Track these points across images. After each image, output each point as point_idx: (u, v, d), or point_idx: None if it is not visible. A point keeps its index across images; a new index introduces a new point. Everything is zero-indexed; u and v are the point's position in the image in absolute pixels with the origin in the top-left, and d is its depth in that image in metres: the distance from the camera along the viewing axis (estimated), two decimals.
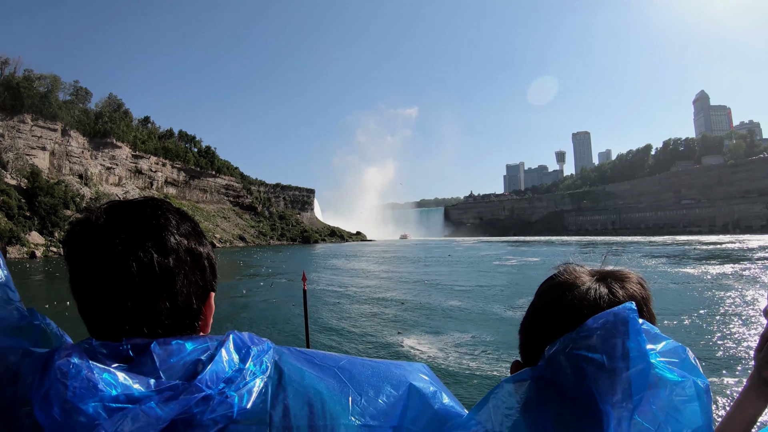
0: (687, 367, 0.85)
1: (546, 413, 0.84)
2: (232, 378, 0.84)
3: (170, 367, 0.82)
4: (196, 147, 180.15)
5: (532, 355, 0.98)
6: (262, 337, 0.96)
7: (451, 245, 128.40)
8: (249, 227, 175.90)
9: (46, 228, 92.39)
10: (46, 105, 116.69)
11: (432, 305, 25.83)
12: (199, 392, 0.78)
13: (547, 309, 1.00)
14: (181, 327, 0.91)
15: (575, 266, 1.05)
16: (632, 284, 0.99)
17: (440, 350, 16.02)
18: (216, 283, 1.02)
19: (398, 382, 0.97)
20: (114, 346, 0.84)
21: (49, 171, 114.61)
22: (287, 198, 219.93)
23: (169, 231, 0.92)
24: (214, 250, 1.01)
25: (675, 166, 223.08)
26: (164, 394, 0.77)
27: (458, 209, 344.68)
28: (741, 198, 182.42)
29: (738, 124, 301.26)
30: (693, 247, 78.12)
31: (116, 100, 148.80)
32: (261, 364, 0.89)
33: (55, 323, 1.02)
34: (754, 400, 1.11)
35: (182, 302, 0.90)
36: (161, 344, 0.84)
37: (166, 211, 0.95)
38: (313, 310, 14.13)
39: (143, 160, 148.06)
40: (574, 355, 0.83)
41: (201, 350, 0.85)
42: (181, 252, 0.91)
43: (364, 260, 70.84)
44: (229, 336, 0.90)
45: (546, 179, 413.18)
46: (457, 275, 43.05)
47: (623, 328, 0.82)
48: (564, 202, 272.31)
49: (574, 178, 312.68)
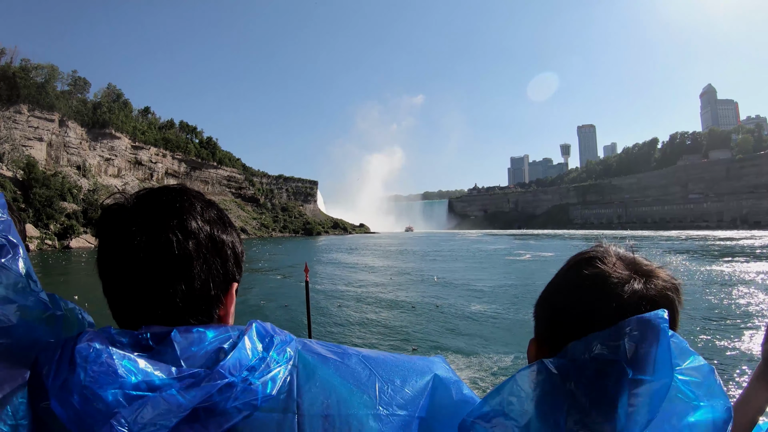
0: (709, 389, 0.80)
1: (560, 409, 0.82)
2: (256, 366, 0.83)
3: (192, 355, 0.81)
4: (198, 138, 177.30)
5: (553, 339, 0.96)
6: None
7: (456, 238, 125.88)
8: (251, 219, 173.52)
9: (41, 220, 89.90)
10: (42, 95, 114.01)
11: (451, 310, 22.17)
12: (222, 379, 0.77)
13: (581, 301, 0.94)
14: (196, 312, 0.89)
15: (610, 252, 0.99)
16: (666, 285, 0.94)
17: (477, 378, 12.30)
18: (240, 275, 1.01)
19: (422, 372, 0.97)
20: (133, 334, 0.83)
21: (47, 162, 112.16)
22: (290, 190, 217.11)
23: (192, 215, 0.91)
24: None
25: (682, 160, 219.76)
26: (185, 381, 0.76)
27: (462, 201, 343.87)
28: (750, 193, 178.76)
29: (745, 119, 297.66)
30: (710, 243, 75.17)
31: (115, 90, 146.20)
32: (284, 353, 0.88)
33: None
34: (759, 391, 1.10)
35: (199, 287, 0.89)
36: (182, 332, 0.83)
37: (191, 197, 0.96)
38: (311, 315, 12.00)
39: (143, 151, 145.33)
40: (598, 357, 0.81)
41: (223, 339, 0.84)
42: (201, 237, 0.91)
43: (369, 254, 68.00)
44: (252, 325, 0.90)
45: (550, 172, 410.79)
46: (470, 272, 39.66)
47: (653, 337, 0.79)
48: (569, 195, 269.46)
49: (579, 171, 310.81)
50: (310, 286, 12.14)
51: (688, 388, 0.79)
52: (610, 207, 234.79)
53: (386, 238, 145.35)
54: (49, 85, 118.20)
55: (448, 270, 41.95)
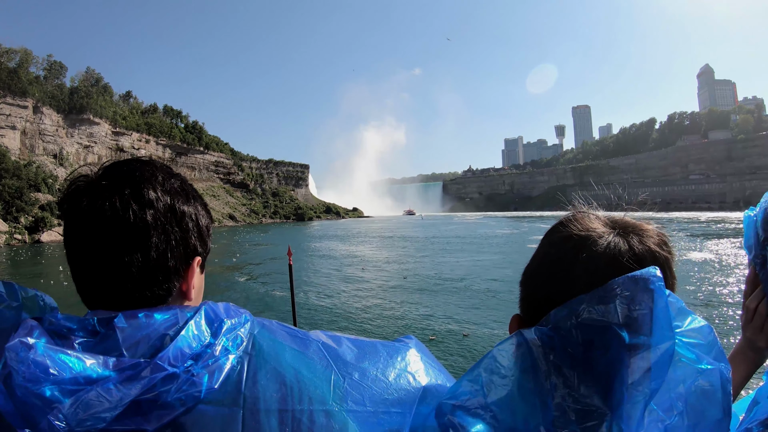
0: (712, 350, 0.73)
1: (544, 386, 0.71)
2: (201, 354, 0.78)
3: (135, 343, 0.78)
4: (183, 122, 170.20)
5: (535, 311, 0.85)
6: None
7: (455, 221, 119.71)
8: (240, 205, 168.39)
9: (11, 213, 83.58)
10: (15, 80, 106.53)
11: (487, 333, 14.09)
12: (161, 371, 0.74)
13: (555, 261, 0.85)
14: (152, 284, 0.87)
15: (589, 213, 0.90)
16: (653, 240, 0.83)
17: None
18: (206, 250, 0.98)
19: (385, 362, 0.90)
20: (79, 320, 0.81)
21: (21, 152, 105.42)
22: (280, 174, 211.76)
23: (151, 185, 0.89)
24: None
25: (681, 140, 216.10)
26: (124, 374, 0.72)
27: (457, 184, 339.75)
28: (752, 174, 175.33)
29: (742, 100, 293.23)
30: (722, 225, 69.36)
31: (94, 74, 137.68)
32: (236, 338, 0.83)
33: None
34: (740, 365, 1.08)
35: (155, 258, 0.86)
36: (127, 317, 0.80)
37: (154, 167, 0.94)
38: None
39: (125, 137, 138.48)
40: (586, 322, 0.71)
41: (170, 324, 0.81)
42: (160, 206, 0.88)
43: (366, 242, 59.89)
44: (202, 307, 0.86)
45: (545, 153, 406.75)
46: (502, 269, 28.59)
47: (647, 297, 0.70)
48: (566, 176, 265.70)
49: (575, 152, 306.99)
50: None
51: (691, 350, 0.72)
52: (609, 187, 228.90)
53: (380, 222, 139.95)
54: (22, 69, 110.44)
55: (478, 266, 31.15)
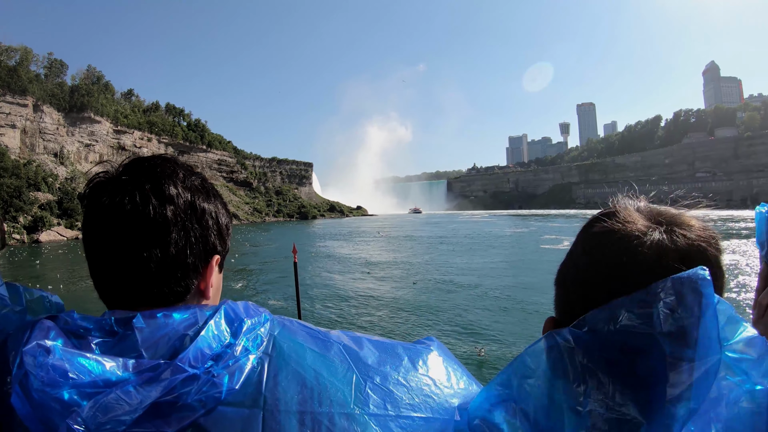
0: (762, 366, 0.65)
1: (577, 391, 0.66)
2: (221, 355, 0.77)
3: (154, 343, 0.77)
4: (185, 120, 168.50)
5: (571, 312, 0.77)
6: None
7: (460, 219, 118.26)
8: (243, 204, 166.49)
9: (9, 213, 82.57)
10: (15, 79, 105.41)
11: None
12: (182, 372, 0.72)
13: (593, 261, 0.77)
14: (170, 281, 0.86)
15: (627, 204, 0.83)
16: (701, 235, 0.74)
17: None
18: (225, 249, 0.98)
19: (407, 366, 0.88)
20: (96, 320, 0.80)
21: (21, 150, 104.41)
22: (284, 172, 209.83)
23: (172, 181, 0.89)
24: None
25: (687, 137, 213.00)
26: (144, 376, 0.71)
27: (461, 182, 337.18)
28: (759, 171, 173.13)
29: (748, 97, 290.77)
30: (737, 224, 67.39)
31: (95, 72, 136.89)
32: (255, 338, 0.82)
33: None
34: None
35: (174, 254, 0.85)
36: (145, 317, 0.79)
37: (175, 164, 0.93)
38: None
39: (126, 136, 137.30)
40: (625, 328, 0.64)
41: (189, 324, 0.80)
42: (180, 203, 0.88)
43: (372, 243, 58.16)
44: (221, 307, 0.84)
45: (550, 151, 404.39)
46: (517, 270, 28.22)
47: (695, 303, 0.62)
48: (571, 174, 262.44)
49: (580, 150, 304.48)
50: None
51: (739, 367, 0.65)
52: (615, 185, 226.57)
53: (383, 220, 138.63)
54: (22, 68, 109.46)
55: (491, 269, 29.88)
